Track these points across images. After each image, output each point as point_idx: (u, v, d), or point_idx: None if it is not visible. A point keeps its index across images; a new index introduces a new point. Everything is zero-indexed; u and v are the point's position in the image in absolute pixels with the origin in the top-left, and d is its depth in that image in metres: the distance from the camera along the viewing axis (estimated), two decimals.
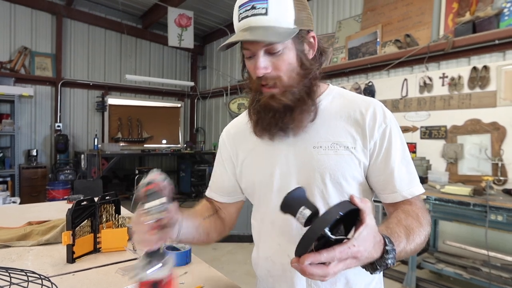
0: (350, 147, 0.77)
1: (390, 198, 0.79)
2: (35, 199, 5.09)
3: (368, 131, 0.77)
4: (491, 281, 2.53)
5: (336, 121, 0.80)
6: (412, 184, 0.79)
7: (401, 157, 0.78)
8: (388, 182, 0.78)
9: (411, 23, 3.84)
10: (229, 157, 0.94)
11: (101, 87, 6.61)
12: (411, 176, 0.79)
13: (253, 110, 0.81)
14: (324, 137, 0.78)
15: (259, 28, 0.70)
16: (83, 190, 5.03)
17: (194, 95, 7.98)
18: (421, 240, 0.71)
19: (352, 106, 0.81)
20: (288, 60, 0.74)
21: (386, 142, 0.78)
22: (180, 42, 6.28)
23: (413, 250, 0.70)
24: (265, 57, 0.74)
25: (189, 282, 0.99)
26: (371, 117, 0.78)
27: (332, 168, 0.77)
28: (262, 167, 0.85)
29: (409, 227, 0.70)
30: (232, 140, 0.94)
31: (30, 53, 5.75)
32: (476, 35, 3.18)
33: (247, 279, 3.14)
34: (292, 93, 0.75)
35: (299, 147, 0.80)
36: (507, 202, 2.42)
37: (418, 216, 0.74)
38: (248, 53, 0.76)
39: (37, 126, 5.90)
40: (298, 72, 0.76)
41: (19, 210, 1.87)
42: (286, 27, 0.72)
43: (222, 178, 0.97)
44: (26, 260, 1.12)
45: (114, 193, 1.36)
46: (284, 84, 0.75)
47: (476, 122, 3.20)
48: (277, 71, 0.74)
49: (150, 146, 7.24)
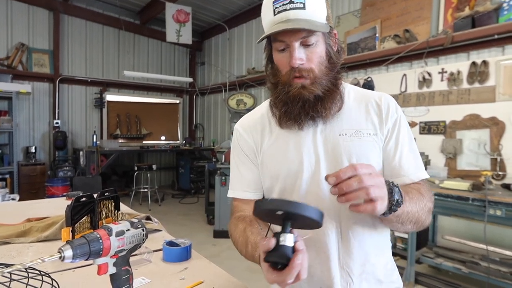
0: (372, 133, 0.84)
1: (399, 181, 0.81)
2: (34, 196, 5.08)
3: (384, 118, 0.84)
4: (490, 275, 2.54)
5: (356, 111, 0.86)
6: (418, 169, 0.84)
7: (408, 145, 0.85)
8: (396, 168, 0.84)
9: (410, 18, 3.83)
10: (252, 149, 0.94)
11: (99, 83, 6.58)
12: (417, 162, 0.85)
13: (279, 102, 0.85)
14: (348, 126, 0.85)
15: (299, 20, 0.75)
16: (82, 186, 5.03)
17: (192, 91, 7.96)
18: (422, 206, 0.76)
19: (367, 98, 0.88)
20: (320, 53, 0.80)
21: (396, 131, 0.84)
22: (178, 38, 6.26)
23: (416, 210, 0.74)
24: (300, 49, 0.78)
25: (189, 277, 0.99)
26: (386, 106, 0.85)
27: (358, 153, 0.82)
28: (289, 156, 0.86)
29: (407, 191, 0.75)
30: (251, 133, 0.94)
31: (27, 49, 5.72)
32: (475, 30, 3.17)
33: (247, 274, 3.15)
34: (321, 84, 0.80)
35: (327, 135, 0.85)
36: (505, 196, 2.43)
37: (419, 188, 0.80)
38: (281, 45, 0.79)
39: (35, 123, 5.89)
40: (326, 65, 0.82)
41: (18, 207, 1.87)
42: (321, 22, 0.77)
43: (252, 172, 0.94)
44: (25, 257, 1.12)
45: (113, 189, 1.36)
46: (315, 75, 0.80)
47: (475, 117, 3.20)
48: (310, 63, 0.79)
49: (149, 142, 7.23)
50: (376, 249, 0.86)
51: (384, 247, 0.90)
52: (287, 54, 0.79)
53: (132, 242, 0.72)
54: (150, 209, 5.68)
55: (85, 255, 0.62)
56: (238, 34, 6.83)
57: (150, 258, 1.10)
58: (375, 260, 0.86)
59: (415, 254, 2.94)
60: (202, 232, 4.45)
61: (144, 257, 1.10)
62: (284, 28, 0.74)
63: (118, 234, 0.69)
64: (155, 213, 5.20)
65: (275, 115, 0.88)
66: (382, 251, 0.89)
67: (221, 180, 4.19)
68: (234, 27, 6.87)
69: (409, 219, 0.74)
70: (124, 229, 0.71)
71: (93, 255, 0.64)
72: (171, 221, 4.94)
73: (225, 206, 4.19)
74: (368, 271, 0.85)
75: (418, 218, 0.75)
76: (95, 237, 0.65)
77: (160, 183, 7.32)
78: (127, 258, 0.73)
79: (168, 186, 7.67)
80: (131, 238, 0.71)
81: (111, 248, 0.67)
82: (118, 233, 0.69)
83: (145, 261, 1.09)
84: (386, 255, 0.90)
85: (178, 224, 4.86)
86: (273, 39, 0.81)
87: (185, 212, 5.56)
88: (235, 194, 0.95)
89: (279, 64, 0.83)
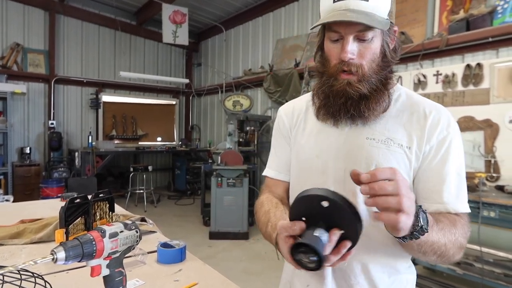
0: (405, 146, 0.76)
1: (433, 208, 0.75)
2: (28, 197, 5.04)
3: (427, 133, 0.76)
4: (484, 276, 2.55)
5: (396, 118, 0.79)
6: (459, 200, 0.75)
7: (455, 170, 0.75)
8: (434, 192, 0.75)
9: (405, 20, 3.85)
10: (288, 132, 0.95)
11: (95, 84, 6.56)
12: (460, 192, 0.75)
13: (321, 93, 0.81)
14: (380, 131, 0.78)
15: (359, 12, 0.70)
16: (78, 188, 5.00)
17: (189, 92, 7.95)
18: (452, 240, 0.68)
19: (417, 107, 0.80)
20: (374, 49, 0.74)
21: (443, 150, 0.75)
22: (174, 39, 6.25)
23: (444, 243, 0.66)
24: (354, 43, 0.73)
25: (183, 279, 0.99)
26: (434, 121, 0.76)
27: (379, 161, 0.76)
28: (312, 148, 0.85)
29: (437, 219, 0.69)
30: (290, 117, 0.95)
31: (22, 49, 5.68)
32: (469, 32, 3.20)
33: (243, 276, 3.14)
34: (369, 83, 0.75)
35: (353, 135, 0.80)
36: (499, 198, 2.45)
37: (455, 221, 0.72)
38: (335, 35, 0.75)
39: (30, 123, 5.85)
40: (378, 63, 0.76)
41: (12, 208, 1.86)
42: (382, 16, 0.72)
43: (286, 154, 0.95)
44: (18, 258, 1.11)
45: (107, 191, 1.35)
46: (364, 72, 0.75)
47: (470, 119, 3.22)
48: (361, 59, 0.74)
49: (145, 143, 7.20)
50: (382, 271, 0.80)
51: (393, 271, 0.81)
52: (339, 46, 0.75)
53: (125, 244, 0.72)
54: (146, 210, 5.66)
55: (78, 257, 0.62)
56: (235, 36, 6.83)
57: (144, 260, 1.10)
58: (377, 272, 0.80)
59: None
60: (198, 234, 4.44)
61: (138, 259, 1.09)
62: (340, 19, 0.69)
63: (111, 235, 0.68)
64: (151, 215, 5.18)
65: (315, 104, 0.85)
66: (388, 266, 0.80)
67: (217, 181, 4.19)
68: (231, 29, 6.87)
69: (433, 250, 0.67)
70: (118, 230, 0.70)
71: (86, 257, 0.64)
72: (167, 222, 4.93)
73: (221, 208, 4.18)
74: (363, 282, 0.80)
75: (444, 251, 0.68)
76: (88, 239, 0.64)
77: (156, 184, 7.30)
78: (121, 259, 0.73)
79: (164, 187, 7.65)
80: (124, 239, 0.71)
81: (104, 250, 0.67)
82: (111, 235, 0.68)
83: (139, 263, 1.08)
84: (391, 269, 0.81)
85: (174, 225, 4.84)
86: (327, 28, 0.76)
87: (181, 214, 5.54)
88: (268, 173, 0.98)
89: (329, 54, 0.79)
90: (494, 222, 2.48)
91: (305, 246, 0.56)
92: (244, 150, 4.99)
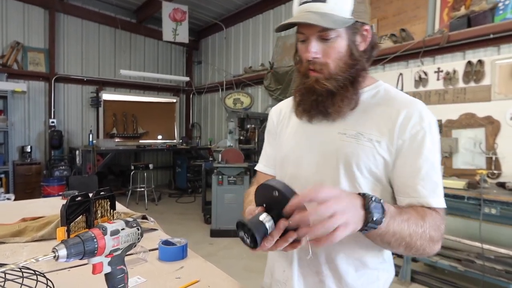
0: (374, 140, 0.77)
1: (406, 201, 0.76)
2: (29, 195, 5.05)
3: (399, 128, 0.76)
4: (485, 273, 2.56)
5: (369, 113, 0.81)
6: (434, 195, 0.75)
7: (428, 165, 0.76)
8: (407, 186, 0.76)
9: (406, 17, 3.84)
10: (275, 130, 1.01)
11: (95, 82, 6.55)
12: (434, 186, 0.76)
13: (298, 91, 0.87)
14: (351, 126, 0.81)
15: (317, 13, 0.74)
16: (79, 186, 5.01)
17: (189, 90, 7.94)
18: (419, 231, 0.68)
19: (391, 102, 0.81)
20: (339, 48, 0.77)
21: (416, 145, 0.76)
22: (174, 36, 6.24)
23: (408, 234, 0.67)
24: (317, 42, 0.77)
25: (185, 276, 0.99)
26: (406, 116, 0.77)
27: (347, 155, 0.78)
28: (290, 143, 0.91)
29: (404, 209, 0.70)
30: (278, 117, 1.01)
31: (22, 48, 5.68)
32: (471, 29, 3.19)
33: (244, 274, 3.15)
34: (336, 80, 0.78)
35: (326, 131, 0.84)
36: (500, 195, 2.44)
37: (424, 214, 0.72)
38: (301, 36, 0.80)
39: (31, 122, 5.85)
40: (346, 61, 0.79)
41: (14, 207, 1.86)
42: (343, 16, 0.75)
43: (273, 150, 1.01)
44: (20, 256, 1.12)
45: (108, 189, 1.35)
46: (331, 70, 0.78)
47: (471, 116, 3.22)
48: (326, 58, 0.78)
49: (146, 141, 7.21)
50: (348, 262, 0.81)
51: (361, 265, 0.82)
52: (305, 46, 0.79)
53: (127, 241, 0.72)
54: (147, 208, 5.66)
55: (80, 254, 0.62)
56: (235, 33, 6.82)
57: (146, 257, 1.10)
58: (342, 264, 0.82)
59: None
60: (199, 231, 4.45)
61: (140, 256, 1.09)
62: (296, 20, 0.74)
63: (113, 233, 0.68)
64: (152, 213, 5.19)
65: (295, 102, 0.90)
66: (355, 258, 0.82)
67: (218, 179, 4.19)
68: (231, 26, 6.86)
69: (397, 241, 0.67)
70: (119, 228, 0.70)
71: (87, 254, 0.64)
72: (168, 220, 4.93)
73: (222, 205, 4.18)
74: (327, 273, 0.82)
75: (409, 243, 0.68)
76: (90, 236, 0.64)
77: (156, 182, 7.30)
78: (122, 257, 0.73)
79: (165, 186, 7.66)
80: (126, 237, 0.71)
81: (105, 247, 0.67)
82: (112, 232, 0.68)
83: (141, 260, 1.08)
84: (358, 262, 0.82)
85: (175, 223, 4.85)
86: (297, 29, 0.80)
87: (182, 212, 5.55)
88: (258, 167, 1.06)
89: (300, 54, 0.83)
90: (495, 219, 2.48)
91: (245, 226, 0.61)
92: (245, 148, 4.99)
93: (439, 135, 0.80)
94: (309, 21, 0.72)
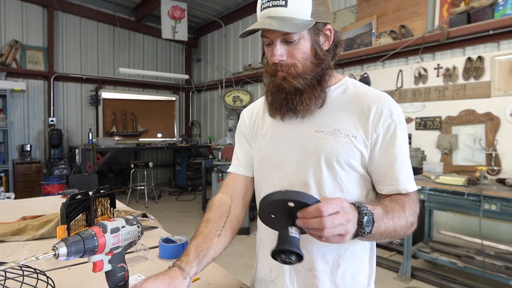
0: (351, 135, 0.81)
1: (386, 189, 0.83)
2: (29, 194, 5.06)
3: (372, 123, 0.81)
4: (485, 269, 2.56)
5: (342, 110, 0.84)
6: (409, 181, 0.82)
7: (402, 154, 0.81)
8: (385, 175, 0.82)
9: (406, 13, 3.83)
10: (248, 130, 1.01)
11: (94, 80, 6.54)
12: (408, 173, 0.82)
13: (269, 91, 0.87)
14: (327, 123, 0.83)
15: (277, 18, 0.76)
16: (78, 184, 5.01)
17: (188, 88, 7.93)
18: (402, 223, 0.75)
19: (362, 98, 0.84)
20: (303, 49, 0.80)
21: (389, 137, 0.81)
22: (174, 34, 6.23)
23: (394, 229, 0.74)
24: (282, 45, 0.80)
25: None
26: (377, 111, 0.81)
27: (328, 152, 0.81)
28: (269, 144, 0.91)
29: (388, 207, 0.75)
30: (250, 118, 1.01)
31: (21, 46, 5.67)
32: (470, 25, 3.18)
33: (244, 271, 3.15)
34: (303, 79, 0.81)
35: (304, 130, 0.85)
36: (500, 191, 2.44)
37: (404, 204, 0.78)
38: (266, 40, 0.82)
39: (30, 120, 5.84)
40: (312, 61, 0.82)
41: (14, 205, 1.86)
42: (303, 19, 0.77)
43: (244, 150, 1.01)
44: (20, 255, 1.12)
45: (108, 187, 1.35)
46: (298, 71, 0.81)
47: (471, 113, 3.21)
48: (292, 59, 0.80)
49: (145, 140, 7.21)
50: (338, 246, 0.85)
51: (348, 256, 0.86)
52: (271, 49, 0.82)
53: (127, 239, 0.72)
54: (147, 206, 5.67)
55: (80, 252, 0.62)
56: (234, 31, 6.80)
57: (146, 255, 1.10)
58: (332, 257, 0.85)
59: (411, 249, 2.96)
60: None
61: (140, 254, 1.09)
62: (260, 26, 0.76)
63: (113, 231, 0.68)
64: (152, 211, 5.19)
65: (267, 103, 0.90)
66: (345, 249, 0.86)
67: (218, 177, 4.19)
68: (230, 24, 6.84)
69: (384, 237, 0.74)
70: (119, 226, 0.70)
71: (87, 252, 0.64)
72: (168, 218, 4.94)
73: None
74: (320, 267, 0.85)
75: (395, 235, 0.75)
76: (90, 234, 0.64)
77: (156, 180, 7.31)
78: (123, 255, 0.73)
79: (165, 184, 7.66)
80: (126, 235, 0.71)
81: (106, 245, 0.67)
82: (113, 230, 0.68)
83: (141, 258, 1.08)
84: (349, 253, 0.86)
85: (175, 221, 4.85)
86: (261, 33, 0.82)
87: (182, 209, 5.56)
88: (230, 169, 1.04)
89: (267, 57, 0.85)
90: (495, 215, 2.48)
91: (283, 251, 0.63)
92: None
93: (406, 124, 0.85)
94: (270, 27, 0.74)
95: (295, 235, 0.64)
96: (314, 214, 0.62)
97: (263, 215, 0.71)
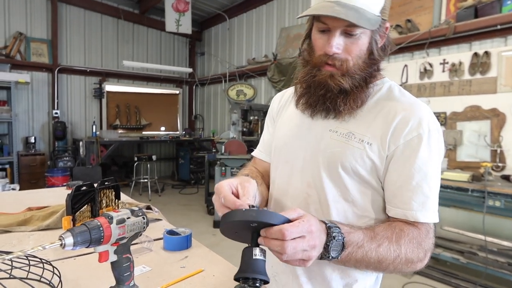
0: (365, 141, 0.73)
1: (392, 212, 0.73)
2: (34, 186, 5.09)
3: (393, 133, 0.71)
4: (487, 265, 2.56)
5: (366, 112, 0.76)
6: (423, 208, 0.69)
7: (421, 175, 0.69)
8: (395, 196, 0.72)
9: (412, 7, 3.78)
10: (275, 117, 0.98)
11: (98, 73, 6.54)
12: (425, 199, 0.70)
13: (303, 82, 0.80)
14: (344, 124, 0.77)
15: (349, 7, 0.67)
16: (82, 177, 5.04)
17: (192, 81, 7.92)
18: (391, 256, 0.66)
19: (391, 103, 0.76)
20: (361, 46, 0.72)
21: (409, 152, 0.70)
22: (177, 27, 6.20)
23: (377, 260, 0.65)
24: (341, 37, 0.71)
25: (190, 266, 0.99)
26: (402, 120, 0.71)
27: (334, 154, 0.75)
28: (283, 136, 0.89)
29: (378, 234, 0.67)
30: (278, 103, 0.99)
31: (25, 38, 5.67)
32: (478, 20, 3.14)
33: None
34: (352, 78, 0.73)
35: (319, 126, 0.80)
36: (505, 188, 2.44)
37: (401, 234, 0.68)
38: (323, 26, 0.72)
39: (35, 113, 5.87)
40: (365, 60, 0.74)
41: (19, 196, 1.87)
42: (373, 13, 0.70)
43: (270, 136, 0.99)
44: (26, 245, 1.13)
45: (113, 179, 1.35)
46: (349, 68, 0.73)
47: (476, 109, 3.19)
48: (347, 54, 0.72)
49: (149, 133, 7.22)
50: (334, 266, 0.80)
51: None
52: (325, 37, 0.72)
53: (133, 230, 0.72)
54: (150, 199, 5.70)
55: (86, 242, 0.62)
56: (238, 24, 6.76)
57: (151, 247, 1.11)
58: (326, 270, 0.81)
59: None
60: (202, 222, 4.47)
61: (145, 246, 1.10)
62: (326, 13, 0.67)
63: (119, 222, 0.69)
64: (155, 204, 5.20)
65: (297, 93, 0.84)
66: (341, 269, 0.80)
67: (221, 171, 4.20)
68: (234, 17, 6.80)
69: (361, 266, 0.66)
70: (125, 217, 0.71)
71: (94, 242, 0.64)
72: (171, 211, 4.96)
73: None
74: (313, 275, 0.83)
75: (378, 267, 0.66)
76: (96, 225, 0.65)
77: (160, 173, 7.33)
78: (128, 246, 0.74)
79: (168, 177, 7.69)
80: (131, 226, 0.71)
81: (111, 236, 0.67)
82: (119, 221, 0.69)
83: (146, 250, 1.09)
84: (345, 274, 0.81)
85: (178, 214, 4.88)
86: (316, 17, 0.74)
87: (185, 203, 5.58)
88: (254, 152, 1.05)
89: (315, 44, 0.76)
90: (499, 211, 2.48)
91: (248, 279, 0.59)
92: (248, 140, 4.99)
93: (442, 144, 0.73)
94: (346, 18, 0.65)
95: (259, 257, 0.60)
96: (276, 235, 0.57)
97: (225, 232, 0.67)
